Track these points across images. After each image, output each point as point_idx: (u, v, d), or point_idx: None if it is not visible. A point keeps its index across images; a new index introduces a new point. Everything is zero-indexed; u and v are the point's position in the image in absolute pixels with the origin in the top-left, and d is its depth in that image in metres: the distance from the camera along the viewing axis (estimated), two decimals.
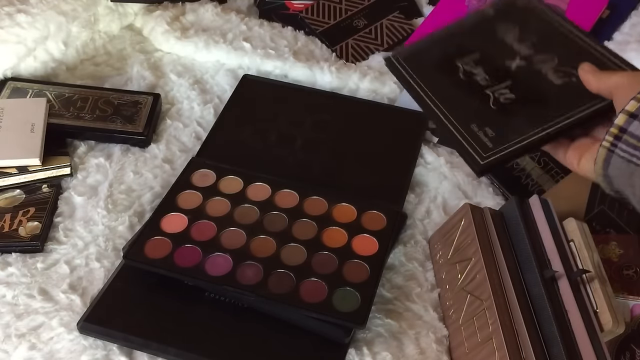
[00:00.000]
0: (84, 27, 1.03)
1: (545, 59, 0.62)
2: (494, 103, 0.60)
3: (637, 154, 0.47)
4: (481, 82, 0.62)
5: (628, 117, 0.48)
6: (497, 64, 0.63)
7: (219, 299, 0.71)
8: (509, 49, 0.63)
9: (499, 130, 0.58)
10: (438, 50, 0.66)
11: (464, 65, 0.63)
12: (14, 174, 0.83)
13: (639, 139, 0.47)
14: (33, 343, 0.67)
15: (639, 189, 0.48)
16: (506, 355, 0.59)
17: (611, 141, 0.49)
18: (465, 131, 0.59)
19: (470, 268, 0.69)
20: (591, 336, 0.60)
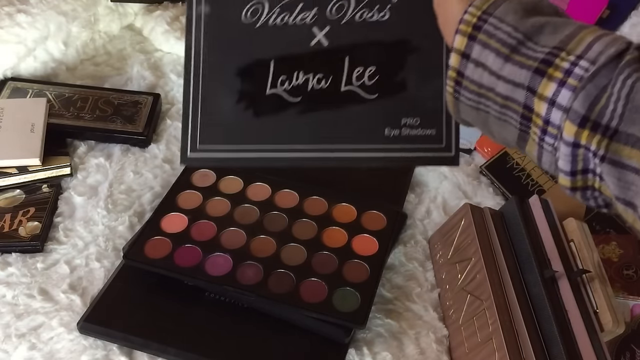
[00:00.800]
0: (84, 27, 1.03)
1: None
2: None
3: (483, 100, 0.41)
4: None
5: (460, 57, 0.41)
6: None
7: (219, 299, 0.71)
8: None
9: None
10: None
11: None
12: (14, 174, 0.83)
13: (478, 84, 0.41)
14: (33, 343, 0.67)
15: (497, 133, 0.43)
16: (506, 355, 0.59)
17: (453, 86, 0.42)
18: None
19: (470, 268, 0.69)
20: (591, 336, 0.60)
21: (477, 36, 0.40)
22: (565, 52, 0.37)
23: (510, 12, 0.39)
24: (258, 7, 0.50)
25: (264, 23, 0.50)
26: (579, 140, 0.36)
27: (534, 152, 0.41)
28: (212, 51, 0.50)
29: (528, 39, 0.38)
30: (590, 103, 0.35)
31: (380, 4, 0.49)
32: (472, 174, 0.88)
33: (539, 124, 0.38)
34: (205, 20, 0.51)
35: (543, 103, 0.37)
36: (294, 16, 0.49)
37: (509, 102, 0.39)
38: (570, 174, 0.38)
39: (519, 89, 0.38)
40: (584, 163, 0.37)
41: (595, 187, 0.38)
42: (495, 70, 0.39)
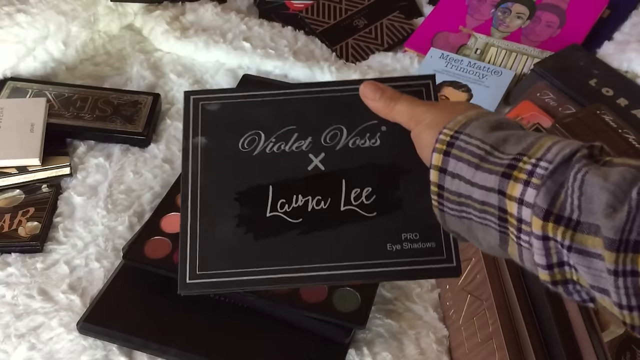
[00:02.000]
0: (83, 27, 1.03)
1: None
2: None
3: (464, 208, 0.44)
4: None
5: (439, 172, 0.45)
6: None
7: (219, 299, 0.71)
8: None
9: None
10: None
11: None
12: (13, 174, 0.83)
13: (457, 194, 0.44)
14: (33, 343, 0.67)
15: (482, 239, 0.45)
16: (506, 356, 0.59)
17: (437, 199, 0.46)
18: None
19: (471, 268, 0.69)
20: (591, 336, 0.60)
21: (451, 152, 0.44)
22: (527, 157, 0.41)
23: (478, 129, 0.44)
24: (254, 138, 0.52)
25: (261, 151, 0.52)
26: (546, 232, 0.39)
27: (515, 252, 0.43)
28: (210, 178, 0.51)
29: (495, 149, 0.43)
30: (551, 198, 0.39)
31: (370, 132, 0.52)
32: None
33: (514, 224, 0.41)
34: (202, 150, 0.52)
35: (513, 203, 0.41)
36: (289, 145, 0.52)
37: (486, 207, 0.43)
38: (547, 267, 0.40)
39: (491, 193, 0.42)
40: (558, 256, 0.40)
41: (574, 280, 0.40)
42: (469, 178, 0.43)
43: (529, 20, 1.10)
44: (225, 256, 0.49)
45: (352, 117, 0.52)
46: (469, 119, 0.45)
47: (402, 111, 0.49)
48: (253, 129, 0.52)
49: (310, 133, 0.52)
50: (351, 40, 1.10)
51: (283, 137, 0.52)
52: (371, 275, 0.49)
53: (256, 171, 0.51)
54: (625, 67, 1.01)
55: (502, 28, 1.10)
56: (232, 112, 0.53)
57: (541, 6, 1.11)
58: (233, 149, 0.52)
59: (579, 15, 1.08)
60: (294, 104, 0.53)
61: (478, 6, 1.13)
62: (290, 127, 0.52)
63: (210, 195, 0.51)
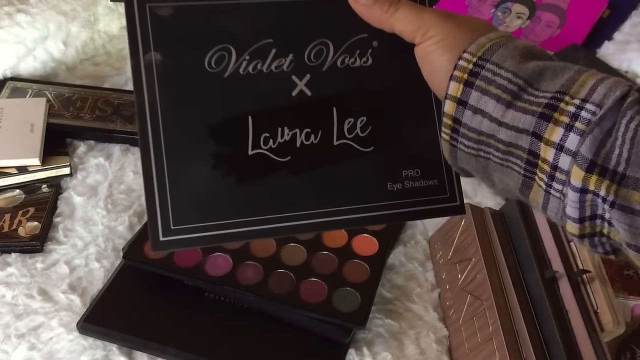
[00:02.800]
0: (83, 27, 1.03)
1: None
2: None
3: (483, 147, 0.39)
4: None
5: (456, 104, 0.39)
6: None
7: (219, 299, 0.71)
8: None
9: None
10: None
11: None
12: (13, 174, 0.82)
13: (478, 131, 0.39)
14: (33, 343, 0.67)
15: (498, 181, 0.41)
16: (506, 356, 0.59)
17: (449, 134, 0.40)
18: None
19: (471, 268, 0.69)
20: (591, 336, 0.60)
21: (474, 82, 0.38)
22: (569, 96, 0.36)
23: (508, 58, 0.38)
24: (223, 54, 0.42)
25: (234, 72, 0.42)
26: (587, 185, 0.35)
27: (539, 199, 0.39)
28: (172, 108, 0.41)
29: (529, 84, 0.38)
30: (596, 147, 0.35)
31: (360, 49, 0.44)
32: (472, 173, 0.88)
33: (546, 170, 0.37)
34: (158, 70, 0.41)
35: (550, 148, 0.36)
36: (267, 63, 0.42)
37: (512, 149, 0.38)
38: (579, 220, 0.37)
39: (523, 134, 0.37)
40: (592, 209, 0.36)
41: (604, 233, 0.37)
42: (497, 117, 0.38)
43: (529, 20, 1.10)
44: (203, 205, 0.41)
45: (339, 29, 0.43)
46: (495, 42, 0.39)
47: (405, 19, 0.41)
48: (221, 43, 0.42)
49: (291, 49, 0.43)
50: None
51: (258, 53, 0.42)
52: (373, 219, 0.43)
53: (230, 98, 0.42)
54: (625, 67, 1.01)
55: (502, 28, 1.10)
56: (192, 19, 0.42)
57: (541, 6, 1.11)
58: (198, 69, 0.41)
59: (579, 15, 1.08)
60: (270, 10, 0.43)
61: (478, 6, 1.13)
62: (267, 40, 0.42)
63: (176, 130, 0.41)
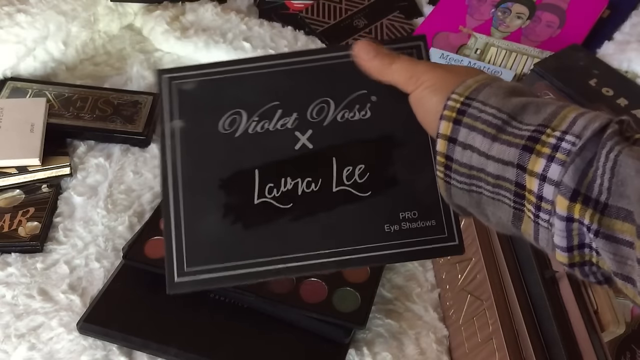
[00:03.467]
0: (83, 27, 1.03)
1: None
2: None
3: (474, 182, 0.41)
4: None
5: (447, 142, 0.41)
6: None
7: (219, 299, 0.71)
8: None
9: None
10: None
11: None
12: (13, 174, 0.82)
13: (468, 166, 0.41)
14: (33, 343, 0.67)
15: (492, 215, 0.42)
16: (506, 356, 0.59)
17: (443, 171, 0.42)
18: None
19: (471, 268, 0.69)
20: (591, 336, 0.60)
21: (462, 120, 0.40)
22: (550, 129, 0.37)
23: (492, 96, 0.40)
24: (235, 118, 0.48)
25: (244, 132, 0.47)
26: (572, 214, 0.36)
27: (530, 230, 0.40)
28: (190, 166, 0.47)
29: (512, 118, 0.39)
30: (579, 177, 0.36)
31: (359, 104, 0.47)
32: None
33: (532, 201, 0.38)
34: (181, 134, 0.47)
35: (534, 179, 0.37)
36: (273, 123, 0.47)
37: (501, 181, 0.40)
38: (567, 249, 0.38)
39: (508, 167, 0.39)
40: (580, 238, 0.37)
41: (593, 262, 0.38)
42: (484, 150, 0.39)
43: (529, 20, 1.10)
44: (214, 250, 0.46)
45: (339, 88, 0.48)
46: (480, 83, 0.41)
47: (400, 70, 0.45)
48: (233, 108, 0.48)
49: (295, 109, 0.48)
50: (351, 40, 1.10)
51: (266, 114, 0.48)
52: (371, 260, 0.46)
53: (240, 154, 0.47)
54: (625, 67, 1.01)
55: (502, 28, 1.10)
56: (210, 90, 0.48)
57: (541, 6, 1.11)
58: (213, 132, 0.47)
59: (579, 15, 1.08)
60: (276, 77, 0.48)
61: (478, 6, 1.13)
62: (274, 103, 0.48)
63: (193, 184, 0.47)
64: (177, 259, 0.46)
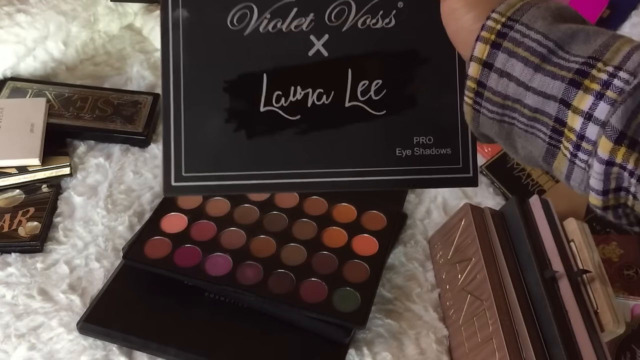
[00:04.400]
0: (83, 27, 1.03)
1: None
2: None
3: (507, 112, 0.38)
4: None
5: (482, 67, 0.37)
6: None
7: (219, 299, 0.71)
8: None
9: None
10: None
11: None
12: (13, 174, 0.82)
13: (503, 95, 0.37)
14: (33, 343, 0.67)
15: (521, 148, 0.40)
16: (506, 356, 0.59)
17: (473, 98, 0.39)
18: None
19: (471, 268, 0.69)
20: (591, 336, 0.60)
21: (502, 44, 0.37)
22: (601, 63, 0.34)
23: (539, 19, 0.36)
24: (245, 12, 0.44)
25: (254, 30, 0.43)
26: (614, 157, 0.34)
27: (563, 168, 0.38)
28: (194, 63, 0.44)
29: (559, 47, 0.36)
30: (628, 118, 0.33)
31: (384, 10, 0.43)
32: None
33: (572, 139, 0.35)
34: (184, 26, 0.44)
35: (578, 117, 0.35)
36: (287, 23, 0.43)
37: (539, 115, 0.37)
38: (603, 193, 0.36)
39: (550, 101, 0.36)
40: (617, 182, 0.35)
41: (628, 205, 0.36)
42: (524, 80, 0.36)
43: None
44: (213, 156, 0.43)
45: None
46: (526, 2, 0.37)
47: None
48: (244, 1, 0.44)
49: (312, 9, 0.43)
50: None
51: (279, 12, 0.43)
52: (375, 184, 0.43)
53: (248, 55, 0.43)
54: None
55: None
56: None
57: None
58: (221, 26, 0.43)
59: None
60: None
61: None
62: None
63: (196, 83, 0.43)
64: (175, 162, 0.43)
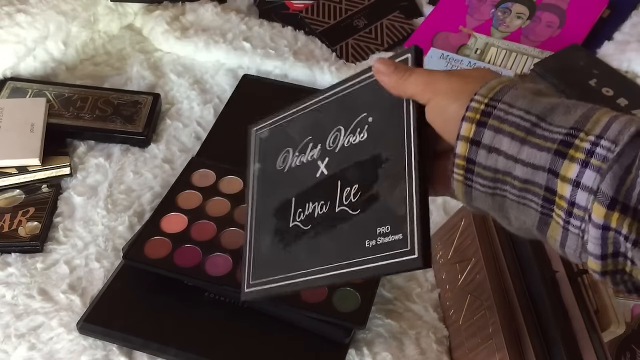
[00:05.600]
0: (83, 27, 1.03)
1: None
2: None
3: (499, 185, 0.40)
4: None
5: (469, 144, 0.40)
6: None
7: (219, 299, 0.71)
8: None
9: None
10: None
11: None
12: (13, 174, 0.83)
13: (493, 170, 0.40)
14: (33, 343, 0.67)
15: (515, 219, 0.42)
16: (506, 356, 0.59)
17: (463, 174, 0.42)
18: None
19: (471, 268, 0.69)
20: (592, 336, 0.60)
21: (487, 122, 0.39)
22: (583, 133, 0.36)
23: (519, 97, 0.39)
24: (286, 155, 0.56)
25: (289, 167, 0.55)
26: (609, 222, 0.35)
27: (557, 236, 0.39)
28: (259, 199, 0.57)
29: (542, 119, 0.38)
30: (617, 184, 0.35)
31: (360, 127, 0.51)
32: None
33: (563, 206, 0.37)
34: (256, 175, 0.58)
35: (566, 185, 0.36)
36: (306, 156, 0.54)
37: (529, 185, 0.38)
38: (601, 257, 0.37)
39: (539, 171, 0.37)
40: (615, 246, 0.36)
41: (626, 271, 0.38)
42: (512, 154, 0.38)
43: (529, 20, 1.10)
44: (267, 266, 0.53)
45: (349, 114, 0.51)
46: (505, 85, 0.40)
47: (417, 81, 0.44)
48: (285, 147, 0.56)
49: (320, 140, 0.53)
50: (351, 40, 1.10)
51: (303, 149, 0.55)
52: (354, 274, 0.48)
53: (285, 186, 0.54)
54: (625, 67, 1.01)
55: (502, 28, 1.10)
56: (276, 134, 0.58)
57: (541, 6, 1.11)
58: (273, 169, 0.56)
59: (579, 15, 1.08)
60: (313, 113, 0.55)
61: (478, 6, 1.13)
62: (308, 138, 0.54)
63: (259, 213, 0.56)
64: (247, 273, 0.55)
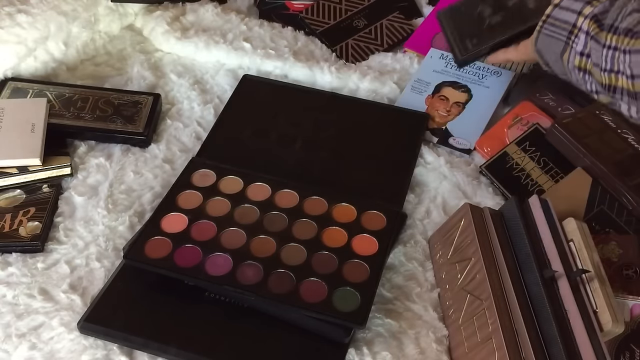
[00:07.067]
0: (84, 27, 1.03)
1: None
2: (487, 26, 0.88)
3: (557, 30, 0.72)
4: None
5: (553, 7, 0.72)
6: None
7: (219, 299, 0.71)
8: None
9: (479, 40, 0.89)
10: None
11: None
12: (14, 174, 0.83)
13: (561, 20, 0.71)
14: (33, 343, 0.67)
15: (553, 52, 0.73)
16: (506, 355, 0.59)
17: (541, 25, 0.74)
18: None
19: (470, 268, 0.69)
20: (591, 336, 0.60)
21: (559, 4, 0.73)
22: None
23: None
24: None
25: None
26: (587, 28, 0.68)
27: (567, 55, 0.71)
28: None
29: None
30: (601, 11, 0.67)
31: None
32: (471, 174, 0.88)
33: (575, 32, 0.69)
34: None
35: (581, 18, 0.69)
36: None
37: (566, 25, 0.71)
38: (579, 54, 0.70)
39: (574, 14, 0.70)
40: (586, 47, 0.68)
41: (589, 71, 0.69)
42: (568, 6, 0.71)
43: None
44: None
45: None
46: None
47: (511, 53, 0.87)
48: None
49: None
50: (351, 40, 1.10)
51: None
52: None
53: None
54: None
55: None
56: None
57: None
58: None
59: None
60: None
61: None
62: None
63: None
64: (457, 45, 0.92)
